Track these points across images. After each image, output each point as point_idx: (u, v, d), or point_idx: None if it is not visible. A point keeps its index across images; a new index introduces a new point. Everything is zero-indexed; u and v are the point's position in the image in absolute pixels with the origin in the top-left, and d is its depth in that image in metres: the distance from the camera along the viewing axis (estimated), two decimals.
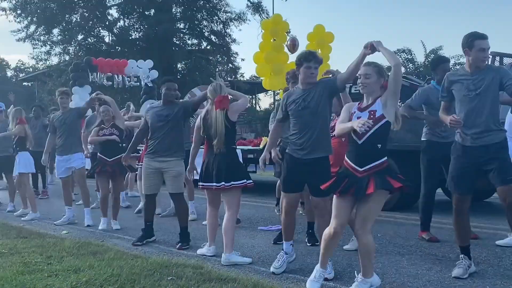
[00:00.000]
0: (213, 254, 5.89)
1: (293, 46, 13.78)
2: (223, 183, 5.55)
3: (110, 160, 7.77)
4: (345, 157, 4.40)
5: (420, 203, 6.70)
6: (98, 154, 8.02)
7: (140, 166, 9.24)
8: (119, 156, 7.52)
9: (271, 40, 13.45)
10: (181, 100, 7.45)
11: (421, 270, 5.18)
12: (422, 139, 6.66)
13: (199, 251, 6.05)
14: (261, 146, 10.93)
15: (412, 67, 25.97)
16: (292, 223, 5.31)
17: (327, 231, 4.40)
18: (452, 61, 24.45)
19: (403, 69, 26.15)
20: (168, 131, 6.43)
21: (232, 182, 5.54)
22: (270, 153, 5.58)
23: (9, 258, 5.69)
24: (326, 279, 4.72)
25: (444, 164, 5.63)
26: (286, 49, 13.87)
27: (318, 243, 6.43)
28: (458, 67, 17.29)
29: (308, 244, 6.46)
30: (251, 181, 5.72)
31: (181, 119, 6.54)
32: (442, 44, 52.83)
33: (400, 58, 4.38)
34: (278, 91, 14.76)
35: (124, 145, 7.96)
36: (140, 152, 9.38)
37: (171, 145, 6.46)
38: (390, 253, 5.92)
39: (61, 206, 8.63)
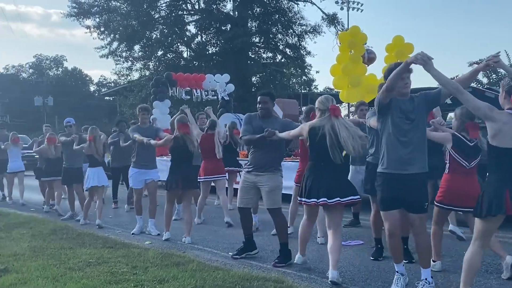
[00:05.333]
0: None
1: (363, 59, 13.58)
2: (338, 198, 5.43)
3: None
4: None
5: None
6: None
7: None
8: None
9: (349, 52, 13.31)
10: (285, 119, 7.39)
11: None
12: None
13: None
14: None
15: (495, 78, 24.91)
16: (399, 243, 5.04)
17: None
18: None
19: (485, 80, 25.19)
20: (266, 146, 6.29)
21: (352, 197, 5.50)
22: None
23: (97, 268, 5.90)
24: None
25: None
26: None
27: (381, 258, 6.35)
28: None
29: (371, 258, 6.44)
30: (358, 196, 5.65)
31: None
32: None
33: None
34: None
35: None
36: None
37: (268, 160, 6.36)
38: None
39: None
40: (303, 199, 5.63)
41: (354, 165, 8.15)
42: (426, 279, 4.82)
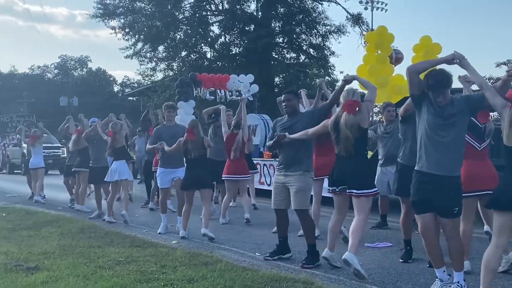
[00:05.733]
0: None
1: (390, 59, 13.41)
2: (353, 190, 5.64)
3: None
4: None
5: None
6: None
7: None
8: None
9: (376, 53, 13.16)
10: (309, 109, 7.36)
11: None
12: None
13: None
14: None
15: None
16: (434, 247, 4.88)
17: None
18: None
19: None
20: (292, 144, 6.22)
21: (364, 191, 5.65)
22: None
23: (126, 267, 5.93)
24: None
25: None
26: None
27: (410, 260, 6.28)
28: None
29: (400, 260, 6.37)
30: (376, 189, 5.84)
31: (307, 128, 6.20)
32: None
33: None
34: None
35: None
36: None
37: (296, 157, 6.29)
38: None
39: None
40: (329, 188, 5.95)
41: (381, 167, 8.08)
42: (458, 282, 4.75)
